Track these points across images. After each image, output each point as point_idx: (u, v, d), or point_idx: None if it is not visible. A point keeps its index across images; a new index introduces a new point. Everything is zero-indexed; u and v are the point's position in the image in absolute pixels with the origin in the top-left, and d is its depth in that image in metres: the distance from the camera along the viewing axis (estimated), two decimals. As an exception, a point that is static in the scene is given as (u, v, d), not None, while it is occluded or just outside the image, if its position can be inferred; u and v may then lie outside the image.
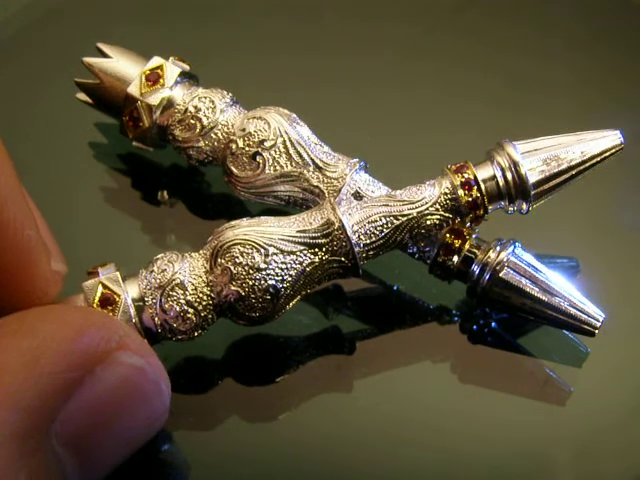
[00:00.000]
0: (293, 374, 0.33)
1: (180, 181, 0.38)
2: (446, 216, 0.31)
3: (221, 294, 0.30)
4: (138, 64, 0.36)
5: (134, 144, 0.36)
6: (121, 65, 0.36)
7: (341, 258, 0.31)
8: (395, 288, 0.35)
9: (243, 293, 0.30)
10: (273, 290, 0.30)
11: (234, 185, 0.34)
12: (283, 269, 0.30)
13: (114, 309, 0.29)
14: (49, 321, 0.24)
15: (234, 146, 0.34)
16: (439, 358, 0.33)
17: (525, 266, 0.32)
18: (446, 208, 0.31)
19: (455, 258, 0.32)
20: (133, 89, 0.35)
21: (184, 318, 0.30)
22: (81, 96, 0.37)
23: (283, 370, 0.33)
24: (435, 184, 0.31)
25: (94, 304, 0.29)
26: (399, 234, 0.31)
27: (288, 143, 0.34)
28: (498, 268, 0.31)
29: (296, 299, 0.31)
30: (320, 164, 0.34)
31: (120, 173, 0.38)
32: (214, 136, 0.35)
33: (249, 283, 0.30)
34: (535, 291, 0.31)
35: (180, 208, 0.37)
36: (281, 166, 0.34)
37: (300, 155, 0.34)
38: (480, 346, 0.33)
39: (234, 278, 0.30)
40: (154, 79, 0.35)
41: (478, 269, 0.32)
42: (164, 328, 0.30)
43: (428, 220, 0.31)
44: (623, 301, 0.34)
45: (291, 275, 0.30)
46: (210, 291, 0.30)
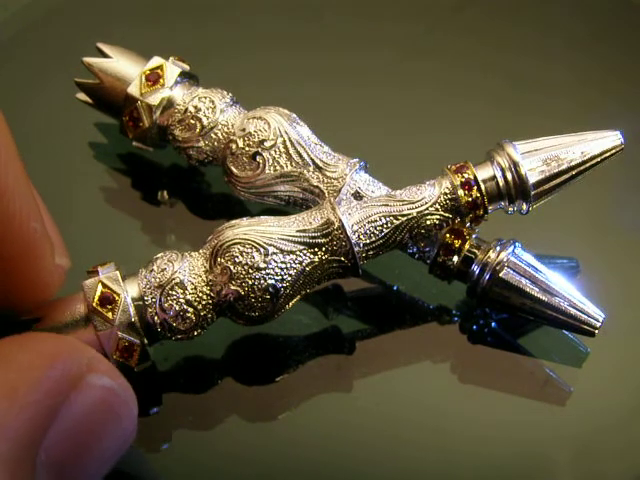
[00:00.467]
0: (293, 374, 0.33)
1: (180, 181, 0.38)
2: (446, 216, 0.31)
3: (221, 293, 0.30)
4: (138, 64, 0.36)
5: (134, 144, 0.36)
6: (121, 65, 0.36)
7: (341, 258, 0.31)
8: (395, 288, 0.35)
9: (243, 292, 0.30)
10: (273, 289, 0.30)
11: (234, 185, 0.34)
12: (283, 269, 0.30)
13: (114, 308, 0.29)
14: (21, 351, 0.24)
15: (234, 146, 0.34)
16: (439, 358, 0.33)
17: (525, 266, 0.31)
18: (446, 208, 0.31)
19: (455, 258, 0.32)
20: (133, 89, 0.35)
21: (183, 317, 0.30)
22: (81, 96, 0.37)
23: (283, 370, 0.33)
24: (435, 184, 0.31)
25: (94, 303, 0.29)
26: (399, 234, 0.31)
27: (288, 143, 0.34)
28: (498, 268, 0.31)
29: (296, 299, 0.31)
30: (320, 164, 0.34)
31: (120, 173, 0.38)
32: (214, 136, 0.35)
33: (249, 282, 0.30)
34: (535, 291, 0.31)
35: (180, 208, 0.37)
36: (281, 166, 0.34)
37: (300, 155, 0.34)
38: (480, 346, 0.33)
39: (234, 277, 0.30)
40: (154, 79, 0.35)
41: (478, 269, 0.32)
42: (163, 327, 0.30)
43: (428, 220, 0.31)
44: (623, 301, 0.34)
45: (291, 275, 0.30)
46: (210, 290, 0.30)
